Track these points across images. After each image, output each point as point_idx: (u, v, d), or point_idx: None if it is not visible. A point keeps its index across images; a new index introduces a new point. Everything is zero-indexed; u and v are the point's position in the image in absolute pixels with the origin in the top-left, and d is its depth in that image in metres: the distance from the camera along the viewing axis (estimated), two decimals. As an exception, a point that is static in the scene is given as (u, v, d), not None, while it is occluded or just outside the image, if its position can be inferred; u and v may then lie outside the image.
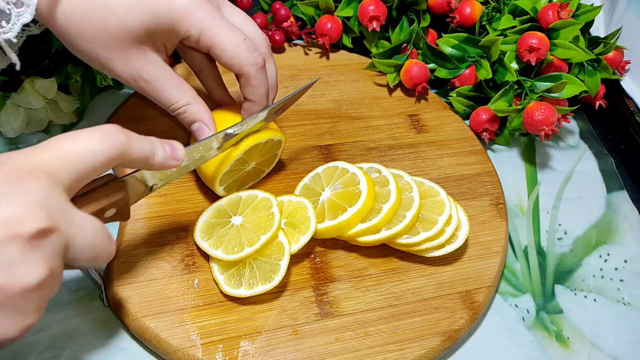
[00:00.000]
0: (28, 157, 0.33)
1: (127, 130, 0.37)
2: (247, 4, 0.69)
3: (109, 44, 0.44)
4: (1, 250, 0.29)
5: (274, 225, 0.48)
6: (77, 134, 0.35)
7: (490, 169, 0.61)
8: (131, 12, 0.43)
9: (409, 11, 0.70)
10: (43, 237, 0.31)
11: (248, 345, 0.45)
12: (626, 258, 0.58)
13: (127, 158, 0.37)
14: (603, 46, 0.66)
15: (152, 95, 0.47)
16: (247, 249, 0.46)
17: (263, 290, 0.46)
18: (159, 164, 0.39)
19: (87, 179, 0.35)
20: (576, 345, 0.51)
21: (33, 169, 0.32)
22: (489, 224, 0.56)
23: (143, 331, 0.45)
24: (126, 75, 0.45)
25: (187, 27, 0.45)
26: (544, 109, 0.59)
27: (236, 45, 0.46)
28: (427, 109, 0.66)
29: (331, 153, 0.60)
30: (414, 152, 0.62)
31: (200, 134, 0.48)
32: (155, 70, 0.46)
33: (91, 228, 0.35)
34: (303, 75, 0.68)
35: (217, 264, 0.48)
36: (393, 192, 0.51)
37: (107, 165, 0.35)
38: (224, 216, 0.50)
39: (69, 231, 0.33)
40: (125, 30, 0.43)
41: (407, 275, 0.51)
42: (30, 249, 0.30)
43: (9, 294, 0.30)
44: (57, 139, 0.34)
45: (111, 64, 0.45)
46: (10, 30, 0.41)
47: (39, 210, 0.31)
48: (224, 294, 0.47)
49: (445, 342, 0.48)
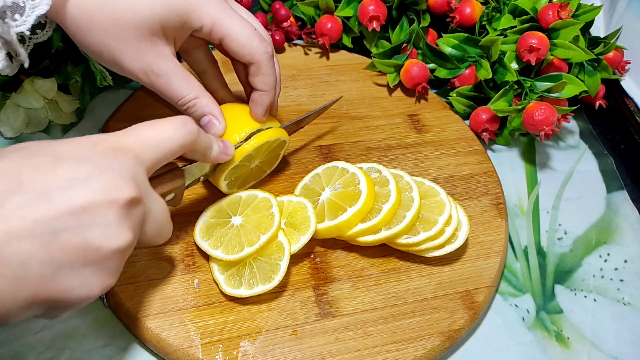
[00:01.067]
0: (119, 138, 0.37)
1: (196, 125, 0.41)
2: (247, 4, 0.69)
3: (122, 35, 0.44)
4: (101, 213, 0.33)
5: (273, 225, 0.48)
6: (157, 123, 0.39)
7: (490, 169, 0.61)
8: (145, 3, 0.43)
9: (408, 11, 0.70)
10: (133, 206, 0.35)
11: (248, 345, 0.45)
12: (626, 258, 0.58)
13: (194, 147, 0.41)
14: (603, 46, 0.66)
15: (162, 88, 0.47)
16: (247, 249, 0.46)
17: (263, 291, 0.46)
18: (214, 156, 0.45)
19: (163, 162, 0.40)
20: (576, 345, 0.51)
21: (124, 149, 0.36)
22: (489, 224, 0.56)
23: (143, 331, 0.45)
24: (136, 68, 0.45)
25: (199, 17, 0.46)
26: (544, 109, 0.59)
27: (248, 35, 0.47)
28: (427, 109, 0.66)
29: (331, 153, 0.60)
30: (414, 152, 0.62)
31: (210, 127, 0.49)
32: (165, 63, 0.46)
33: (161, 207, 0.39)
34: (303, 75, 0.68)
35: (217, 264, 0.48)
36: (393, 192, 0.51)
37: (180, 151, 0.40)
38: (224, 216, 0.50)
39: (148, 205, 0.37)
40: (139, 22, 0.44)
41: (407, 275, 0.51)
42: (123, 214, 0.34)
43: (102, 254, 0.33)
44: (140, 126, 0.39)
45: (122, 56, 0.45)
46: (24, 23, 0.41)
47: (132, 182, 0.35)
48: (223, 294, 0.47)
49: (445, 342, 0.48)
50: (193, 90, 0.47)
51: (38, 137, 0.58)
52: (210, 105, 0.48)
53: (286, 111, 0.63)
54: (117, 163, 0.35)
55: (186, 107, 0.48)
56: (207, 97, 0.48)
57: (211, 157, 0.45)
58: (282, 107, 0.64)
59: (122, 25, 0.43)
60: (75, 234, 0.32)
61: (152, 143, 0.38)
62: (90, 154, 0.35)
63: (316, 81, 0.67)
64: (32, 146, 0.34)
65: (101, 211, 0.33)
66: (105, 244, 0.33)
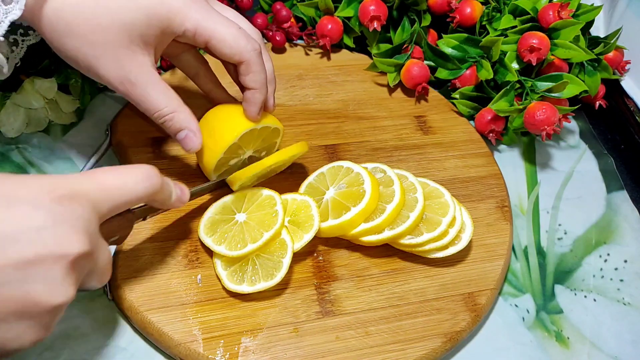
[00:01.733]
0: (76, 184, 0.35)
1: (160, 174, 0.40)
2: (247, 4, 0.69)
3: (99, 42, 0.43)
4: (48, 268, 0.31)
5: (277, 222, 0.48)
6: (120, 170, 0.38)
7: (496, 171, 0.61)
8: (124, 10, 0.43)
9: (409, 11, 0.70)
10: (82, 260, 0.33)
11: (249, 341, 0.45)
12: (626, 258, 0.58)
13: (154, 198, 0.40)
14: (603, 46, 0.66)
15: (138, 99, 0.45)
16: (250, 245, 0.47)
17: (265, 287, 0.46)
18: (171, 205, 0.43)
19: (118, 211, 0.38)
20: (576, 345, 0.51)
21: (82, 196, 0.34)
22: (494, 226, 0.56)
23: (145, 325, 0.45)
24: (113, 76, 0.44)
25: (181, 22, 0.44)
26: (545, 108, 0.59)
27: (233, 35, 0.46)
28: (434, 111, 0.66)
29: (336, 153, 0.60)
30: (420, 153, 0.62)
31: (187, 143, 0.47)
32: (143, 73, 0.45)
33: (108, 257, 0.37)
34: (310, 74, 0.68)
35: (221, 260, 0.48)
36: (397, 193, 0.51)
37: (138, 203, 0.39)
38: (229, 213, 0.50)
39: (95, 256, 0.35)
40: (118, 29, 0.43)
41: (410, 276, 0.51)
42: (70, 270, 0.32)
43: (41, 309, 0.32)
44: (103, 172, 0.37)
45: (98, 63, 0.44)
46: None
47: (84, 236, 0.33)
48: (226, 289, 0.47)
49: (447, 344, 0.48)
50: (170, 103, 0.46)
51: (38, 137, 0.57)
52: (189, 120, 0.47)
53: (292, 110, 0.63)
54: (72, 213, 0.33)
55: (162, 120, 0.46)
56: (186, 111, 0.47)
57: (168, 205, 0.44)
58: (289, 106, 0.64)
59: (100, 32, 0.43)
60: (16, 288, 0.31)
61: (112, 193, 0.36)
62: (46, 200, 0.32)
63: (323, 81, 0.67)
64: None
65: (48, 266, 0.31)
66: (46, 300, 0.32)
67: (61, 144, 0.58)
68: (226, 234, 0.48)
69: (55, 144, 0.57)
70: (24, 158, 0.56)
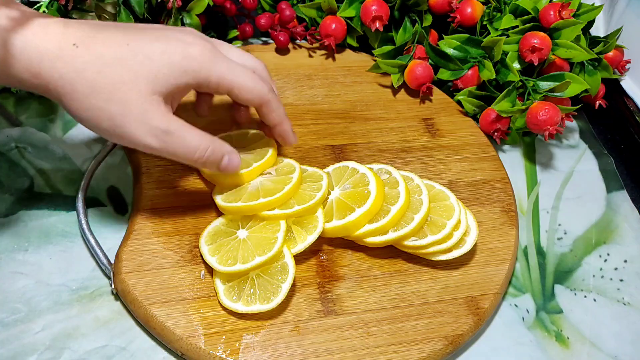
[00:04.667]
0: None
1: None
2: (251, 5, 0.69)
3: (125, 99, 0.42)
4: None
5: (272, 249, 0.47)
6: None
7: (504, 175, 0.61)
8: (148, 64, 0.43)
9: (410, 12, 0.69)
10: None
11: (250, 338, 0.46)
12: (626, 258, 0.58)
13: None
14: (603, 45, 0.66)
15: (175, 148, 0.45)
16: (239, 265, 0.46)
17: (260, 310, 0.45)
18: None
19: None
20: (576, 345, 0.51)
21: None
22: (499, 230, 0.56)
23: (148, 319, 0.46)
24: (143, 132, 0.43)
25: (206, 76, 0.45)
26: (548, 108, 0.59)
27: (251, 80, 0.47)
28: (442, 113, 0.66)
29: (343, 153, 0.60)
30: (427, 155, 0.61)
31: (231, 165, 0.48)
32: (172, 121, 0.45)
33: None
34: (320, 75, 0.67)
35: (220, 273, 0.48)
36: (402, 194, 0.51)
37: None
38: (234, 227, 0.49)
39: None
40: (143, 83, 0.43)
41: (413, 278, 0.51)
42: None
43: None
44: None
45: (125, 120, 0.43)
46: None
47: None
48: (221, 305, 0.47)
49: (448, 347, 0.48)
50: (204, 139, 0.46)
51: (38, 137, 0.57)
52: (222, 143, 0.48)
53: (300, 110, 0.63)
54: None
55: (205, 158, 0.46)
56: (215, 137, 0.47)
57: None
58: (297, 105, 0.64)
59: (125, 89, 0.42)
60: None
61: None
62: None
63: (332, 81, 0.67)
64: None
65: None
66: None
67: (61, 144, 0.57)
68: (223, 247, 0.48)
69: (55, 144, 0.57)
70: (24, 158, 0.56)
